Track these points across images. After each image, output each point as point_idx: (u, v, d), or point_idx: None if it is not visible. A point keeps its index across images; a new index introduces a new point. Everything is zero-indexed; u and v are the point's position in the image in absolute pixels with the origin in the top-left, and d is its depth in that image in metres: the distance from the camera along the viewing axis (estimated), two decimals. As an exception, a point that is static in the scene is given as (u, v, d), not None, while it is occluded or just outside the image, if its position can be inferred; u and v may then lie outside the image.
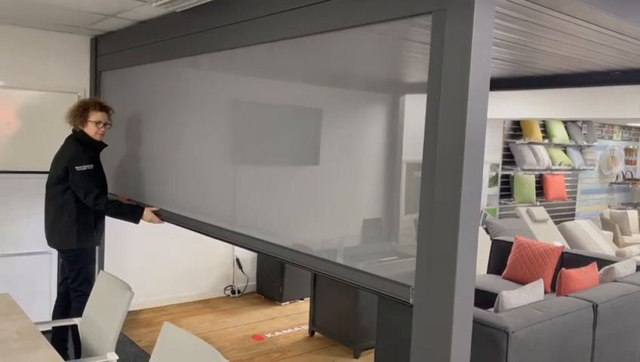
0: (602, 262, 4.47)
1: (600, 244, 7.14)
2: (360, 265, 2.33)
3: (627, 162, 9.96)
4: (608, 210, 9.06)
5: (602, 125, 9.26)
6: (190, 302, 5.52)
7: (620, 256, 6.58)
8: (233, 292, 5.83)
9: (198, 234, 3.40)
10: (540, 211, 7.23)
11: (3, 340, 2.40)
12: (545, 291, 3.49)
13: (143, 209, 3.66)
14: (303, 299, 5.70)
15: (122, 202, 3.74)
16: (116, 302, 2.71)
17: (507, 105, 5.74)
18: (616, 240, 8.33)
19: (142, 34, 3.87)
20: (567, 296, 3.43)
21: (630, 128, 9.97)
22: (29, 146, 4.41)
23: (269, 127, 2.87)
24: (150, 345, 4.27)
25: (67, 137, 3.69)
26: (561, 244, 5.18)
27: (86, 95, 4.56)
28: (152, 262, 5.24)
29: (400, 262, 2.22)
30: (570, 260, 4.97)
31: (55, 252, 4.26)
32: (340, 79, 2.51)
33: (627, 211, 8.74)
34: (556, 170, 8.25)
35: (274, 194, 2.82)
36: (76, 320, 3.03)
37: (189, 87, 3.47)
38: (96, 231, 3.68)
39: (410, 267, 2.03)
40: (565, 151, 8.49)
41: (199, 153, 3.39)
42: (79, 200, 3.54)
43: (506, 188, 7.67)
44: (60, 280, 3.83)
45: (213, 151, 3.27)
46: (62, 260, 3.73)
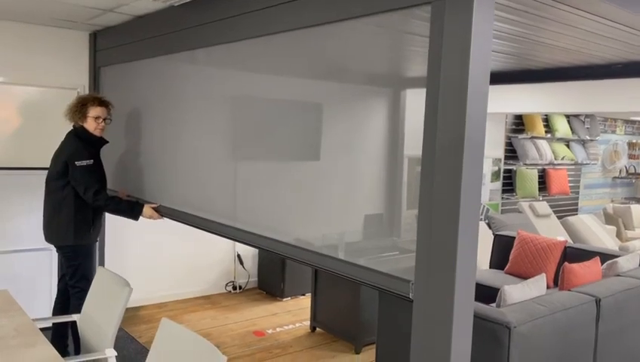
0: (605, 257, 4.44)
1: (603, 239, 7.11)
2: (361, 260, 2.31)
3: (630, 156, 9.91)
4: (611, 204, 9.02)
5: (605, 119, 9.21)
6: (191, 298, 5.51)
7: (623, 250, 6.54)
8: (234, 288, 5.82)
9: (199, 230, 3.38)
10: (543, 206, 7.20)
11: (1, 337, 2.38)
12: (547, 286, 3.46)
13: (142, 205, 3.64)
14: (304, 295, 5.68)
15: (122, 198, 3.72)
16: (114, 298, 2.70)
17: (509, 100, 5.70)
18: (619, 235, 8.29)
19: (140, 29, 3.85)
20: (569, 290, 3.41)
21: (634, 122, 9.91)
22: (28, 143, 4.39)
23: (269, 122, 2.85)
24: (151, 341, 4.24)
25: (67, 133, 3.68)
26: (563, 239, 5.14)
27: (85, 91, 4.54)
28: (153, 258, 5.23)
29: (401, 257, 2.20)
30: (573, 255, 4.94)
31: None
32: (341, 73, 2.49)
33: (630, 205, 8.70)
34: (559, 164, 8.21)
35: (274, 190, 2.80)
36: (75, 317, 3.02)
37: (187, 82, 3.45)
38: (94, 229, 3.67)
39: (411, 262, 2.01)
40: (568, 146, 8.45)
41: (198, 148, 3.37)
42: (78, 196, 3.53)
43: (509, 182, 7.64)
44: (60, 277, 3.82)
45: (213, 146, 3.25)
46: (59, 256, 3.72)
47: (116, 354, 2.57)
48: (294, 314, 5.22)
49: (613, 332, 3.39)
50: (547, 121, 8.00)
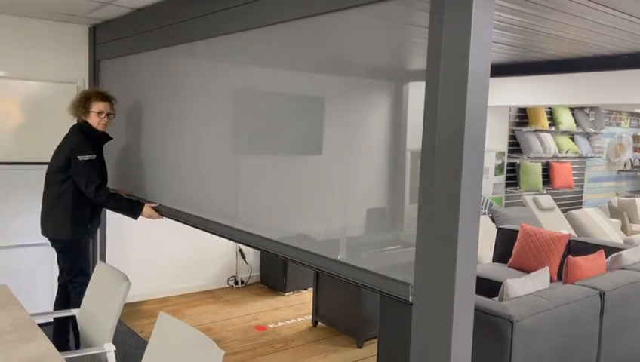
0: (610, 250, 4.40)
1: (608, 232, 7.05)
2: (363, 256, 2.29)
3: (635, 149, 9.84)
4: (616, 197, 8.96)
5: (610, 112, 9.14)
6: (193, 293, 5.50)
7: (628, 243, 6.50)
8: (236, 282, 5.81)
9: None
10: (547, 199, 7.15)
11: (-1, 332, 2.37)
12: (551, 279, 3.43)
13: (142, 205, 3.62)
14: (306, 289, 5.67)
15: (122, 196, 3.70)
16: (113, 292, 2.68)
17: (512, 92, 5.65)
18: (624, 228, 8.24)
19: (139, 21, 3.81)
20: (573, 284, 3.37)
21: (639, 115, 9.84)
22: (28, 137, 4.37)
23: (270, 116, 2.82)
24: (152, 335, 4.25)
25: (71, 127, 3.67)
26: (567, 232, 5.10)
27: (85, 85, 4.52)
28: (154, 253, 5.22)
29: (404, 251, 2.17)
30: (577, 248, 4.91)
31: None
32: (343, 66, 2.45)
33: (635, 199, 8.64)
34: (563, 157, 8.16)
35: (276, 185, 2.77)
36: (74, 312, 3.00)
37: (188, 75, 3.42)
38: (91, 225, 3.65)
39: (413, 256, 1.98)
40: (572, 139, 8.39)
41: (199, 143, 3.33)
42: (77, 191, 3.51)
43: (512, 176, 7.59)
44: (60, 272, 3.81)
45: (213, 141, 3.22)
46: (55, 250, 3.70)
47: (115, 348, 2.55)
48: (296, 308, 5.20)
49: (617, 325, 3.36)
50: (551, 114, 7.94)
